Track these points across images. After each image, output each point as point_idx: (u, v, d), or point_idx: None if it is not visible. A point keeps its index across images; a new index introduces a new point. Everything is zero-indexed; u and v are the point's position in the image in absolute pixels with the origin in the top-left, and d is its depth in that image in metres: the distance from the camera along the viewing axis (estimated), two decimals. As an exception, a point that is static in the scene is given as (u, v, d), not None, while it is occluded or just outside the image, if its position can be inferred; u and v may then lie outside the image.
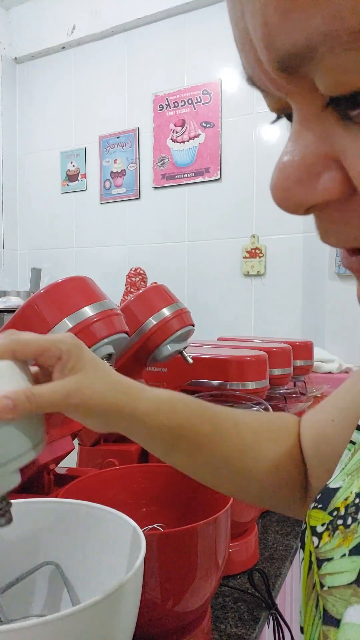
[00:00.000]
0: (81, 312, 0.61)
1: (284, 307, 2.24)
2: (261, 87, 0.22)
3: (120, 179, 2.62)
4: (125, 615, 0.39)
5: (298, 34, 0.18)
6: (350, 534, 0.29)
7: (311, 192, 0.21)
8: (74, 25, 2.69)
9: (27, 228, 2.97)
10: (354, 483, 0.32)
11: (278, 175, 0.21)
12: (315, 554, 0.31)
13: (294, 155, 0.21)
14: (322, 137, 0.20)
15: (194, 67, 2.42)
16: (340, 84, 0.18)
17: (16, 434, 0.37)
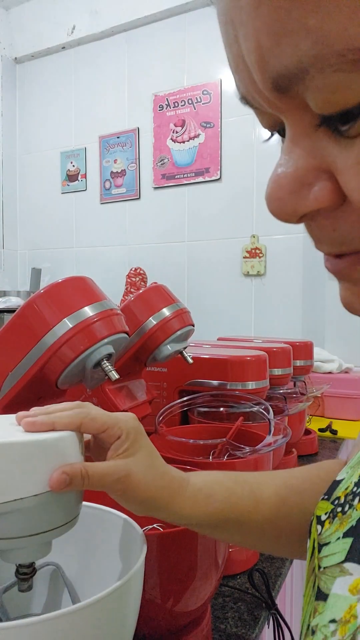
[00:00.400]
0: (81, 312, 0.60)
1: (284, 307, 2.24)
2: (255, 105, 0.24)
3: (120, 179, 2.62)
4: (126, 614, 0.40)
5: (289, 57, 0.19)
6: (346, 519, 0.32)
7: (303, 202, 0.22)
8: (74, 25, 2.69)
9: (27, 228, 2.97)
10: (354, 473, 0.35)
11: (272, 186, 0.23)
12: (318, 540, 0.34)
13: (287, 167, 0.22)
14: (314, 151, 0.22)
15: (194, 67, 2.42)
16: (330, 103, 0.19)
17: (61, 506, 0.38)
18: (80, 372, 0.61)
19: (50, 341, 0.59)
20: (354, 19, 0.17)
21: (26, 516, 0.36)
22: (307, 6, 0.18)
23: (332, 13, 0.17)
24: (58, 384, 0.60)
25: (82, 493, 0.42)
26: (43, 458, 0.36)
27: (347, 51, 0.18)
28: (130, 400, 0.89)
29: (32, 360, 0.59)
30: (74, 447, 0.39)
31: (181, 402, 0.96)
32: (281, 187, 0.22)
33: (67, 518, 0.39)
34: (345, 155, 0.21)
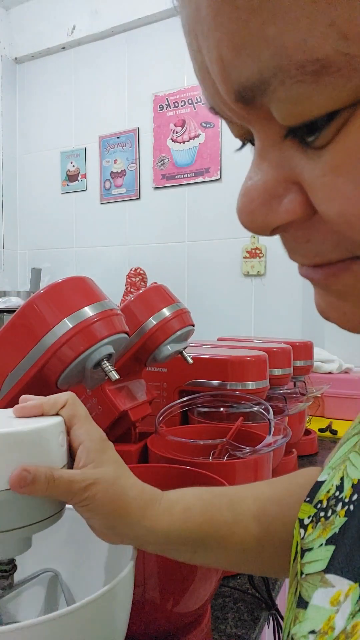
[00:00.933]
0: (81, 312, 0.60)
1: (284, 307, 2.24)
2: (223, 115, 0.23)
3: (120, 179, 2.62)
4: (114, 620, 0.39)
5: (250, 68, 0.19)
6: (329, 525, 0.32)
7: (274, 214, 0.22)
8: (74, 26, 2.69)
9: (27, 228, 2.96)
10: (335, 475, 0.34)
11: (242, 200, 0.22)
12: (301, 544, 0.34)
13: (257, 180, 0.22)
14: (282, 162, 0.21)
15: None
16: (294, 115, 0.19)
17: (38, 501, 0.36)
18: (80, 373, 0.61)
19: (50, 341, 0.58)
20: (313, 30, 0.17)
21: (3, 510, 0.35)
22: (265, 17, 0.17)
23: (290, 24, 0.17)
24: (58, 384, 0.60)
25: None
26: (15, 450, 0.35)
27: (307, 62, 0.17)
28: (130, 400, 0.89)
29: (32, 361, 0.59)
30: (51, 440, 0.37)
31: (181, 402, 0.96)
32: (252, 201, 0.22)
33: (47, 513, 0.37)
34: (312, 166, 0.20)
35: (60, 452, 0.38)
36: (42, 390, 0.63)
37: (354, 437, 0.37)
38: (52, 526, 0.50)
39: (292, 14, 0.17)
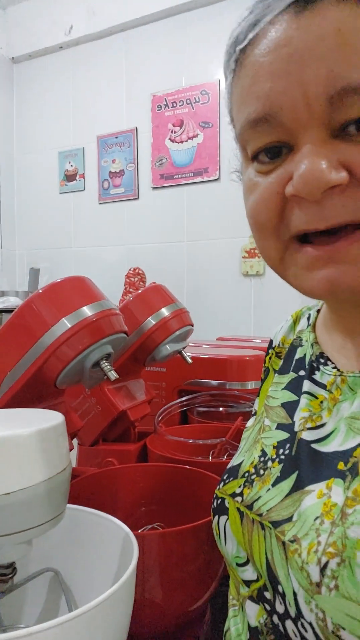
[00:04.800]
0: (80, 312, 0.60)
1: (283, 306, 2.24)
2: (284, 118, 0.33)
3: (119, 179, 2.62)
4: (118, 621, 0.39)
5: (354, 78, 0.31)
6: (267, 477, 0.42)
7: (333, 178, 0.32)
8: (72, 25, 2.69)
9: (25, 228, 2.96)
10: (253, 453, 0.46)
11: (312, 167, 0.32)
12: (243, 504, 0.42)
13: (320, 160, 0.32)
14: (334, 152, 0.32)
15: (192, 67, 2.42)
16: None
17: (39, 505, 0.36)
18: (79, 372, 0.61)
19: (49, 341, 0.58)
20: None
21: (3, 514, 0.34)
22: None
23: None
24: (57, 383, 0.60)
25: (65, 491, 0.40)
26: (15, 453, 0.35)
27: None
28: (129, 400, 0.89)
29: (31, 360, 0.59)
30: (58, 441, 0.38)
31: (180, 402, 0.96)
32: (321, 170, 0.32)
33: (49, 516, 0.37)
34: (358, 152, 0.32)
35: (61, 452, 0.38)
36: (41, 389, 0.63)
37: (256, 425, 0.49)
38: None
39: None
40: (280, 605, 0.36)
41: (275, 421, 0.46)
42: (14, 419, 0.40)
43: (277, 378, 0.51)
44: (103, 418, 0.83)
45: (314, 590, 0.32)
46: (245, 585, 0.42)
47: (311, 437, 0.40)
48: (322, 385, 0.43)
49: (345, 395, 0.40)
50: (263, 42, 0.34)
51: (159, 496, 0.72)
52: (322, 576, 0.31)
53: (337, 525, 0.32)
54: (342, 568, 0.30)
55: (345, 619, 0.29)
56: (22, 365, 0.59)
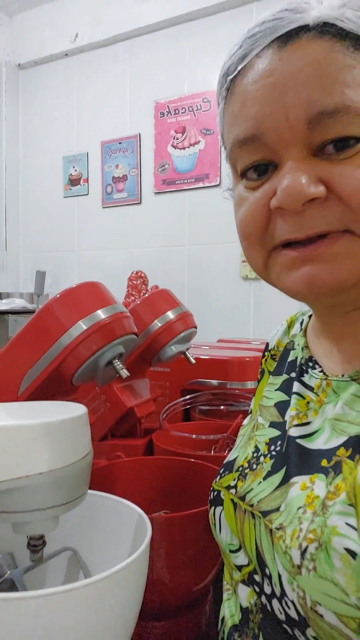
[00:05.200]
0: (94, 315, 0.65)
1: (282, 309, 2.29)
2: (268, 139, 0.37)
3: (122, 183, 2.67)
4: (134, 590, 0.44)
5: (330, 103, 0.35)
6: (259, 471, 0.45)
7: (311, 192, 0.36)
8: (77, 33, 2.75)
9: (30, 231, 3.01)
10: (247, 449, 0.50)
11: (293, 183, 0.36)
12: (236, 495, 0.46)
13: (300, 176, 0.36)
14: (313, 169, 0.36)
15: (194, 75, 2.48)
16: (344, 131, 0.35)
17: (67, 484, 0.41)
18: (93, 370, 0.66)
19: (67, 341, 0.64)
20: (356, 100, 0.35)
21: (35, 492, 0.39)
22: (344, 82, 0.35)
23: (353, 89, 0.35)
24: (73, 380, 0.65)
25: (88, 474, 0.45)
26: (52, 438, 0.39)
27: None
28: (136, 398, 0.94)
29: (50, 359, 0.64)
30: (83, 429, 0.43)
31: (184, 400, 1.01)
32: (301, 184, 0.36)
33: (73, 496, 0.42)
34: (341, 168, 0.36)
35: (85, 439, 0.43)
36: (58, 386, 0.68)
37: (251, 423, 0.54)
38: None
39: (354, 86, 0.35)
40: (268, 586, 0.40)
41: (268, 420, 0.50)
42: (46, 409, 0.45)
43: (271, 379, 0.55)
44: (112, 414, 0.88)
45: (295, 571, 0.36)
46: (237, 570, 0.46)
47: (297, 433, 0.44)
48: (310, 388, 0.47)
49: (330, 397, 0.43)
50: (251, 72, 0.38)
51: (164, 487, 0.77)
52: (302, 559, 0.35)
53: (318, 515, 0.36)
54: (319, 552, 0.34)
55: (322, 596, 0.33)
56: (42, 363, 0.64)
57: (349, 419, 0.40)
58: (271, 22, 0.38)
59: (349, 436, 0.39)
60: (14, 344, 0.67)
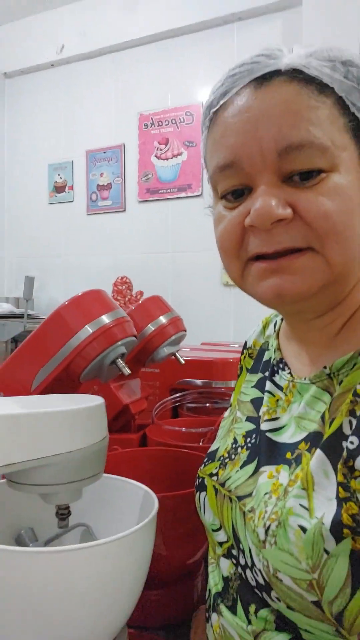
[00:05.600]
0: (99, 320, 0.74)
1: (261, 315, 2.39)
2: (244, 167, 0.43)
3: (107, 191, 2.75)
4: (143, 553, 0.52)
5: (297, 138, 0.41)
6: (236, 461, 0.52)
7: (279, 213, 0.41)
8: (63, 45, 2.82)
9: (15, 237, 3.06)
10: (227, 440, 0.56)
11: (262, 205, 0.42)
12: (218, 482, 0.53)
13: (270, 199, 0.42)
14: (282, 193, 0.42)
15: (177, 89, 2.58)
16: (309, 163, 0.41)
17: (89, 462, 0.49)
18: (98, 369, 0.74)
19: (75, 344, 0.72)
20: (324, 132, 0.41)
21: (64, 467, 0.47)
22: (308, 120, 0.41)
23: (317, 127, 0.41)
24: (81, 378, 0.73)
25: (105, 454, 0.53)
26: (80, 422, 0.48)
27: (322, 145, 0.40)
28: (130, 396, 1.02)
29: (60, 359, 0.72)
30: (102, 415, 0.51)
31: (174, 398, 1.09)
32: (270, 205, 0.42)
33: (94, 472, 0.51)
34: (306, 194, 0.41)
35: (104, 424, 0.52)
36: (68, 382, 0.76)
37: (230, 416, 0.60)
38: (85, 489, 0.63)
39: (317, 124, 0.41)
40: (242, 558, 0.47)
41: (245, 414, 0.56)
42: (70, 399, 0.53)
43: (248, 376, 0.61)
44: (108, 411, 0.96)
45: (261, 545, 0.42)
46: (219, 546, 0.52)
47: (267, 427, 0.50)
48: (280, 387, 0.52)
49: (295, 397, 0.49)
50: (231, 107, 0.44)
51: (158, 474, 0.85)
52: (266, 535, 0.41)
53: (280, 499, 0.42)
54: (279, 529, 0.41)
55: (280, 564, 0.40)
56: (53, 363, 0.72)
57: (309, 417, 0.46)
58: (249, 64, 0.44)
59: (309, 432, 0.45)
60: (27, 346, 0.75)
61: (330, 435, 0.42)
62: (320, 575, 0.38)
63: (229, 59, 2.43)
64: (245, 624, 0.45)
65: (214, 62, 2.47)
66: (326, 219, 0.41)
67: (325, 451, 0.41)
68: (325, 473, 0.40)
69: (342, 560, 0.37)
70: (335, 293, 0.46)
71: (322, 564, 0.38)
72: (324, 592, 0.38)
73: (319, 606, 0.38)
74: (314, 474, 0.41)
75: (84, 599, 0.46)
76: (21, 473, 0.48)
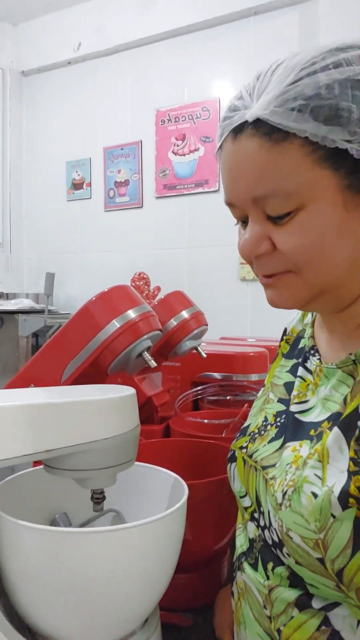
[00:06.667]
0: (126, 315, 0.76)
1: (277, 309, 2.41)
2: (236, 206, 0.49)
3: (124, 188, 2.77)
4: (175, 535, 0.54)
5: (265, 190, 0.46)
6: (265, 437, 0.58)
7: (258, 249, 0.49)
8: (80, 43, 2.84)
9: (33, 234, 3.11)
10: (258, 418, 0.62)
11: (244, 243, 0.49)
12: (246, 453, 0.58)
13: (251, 235, 0.49)
14: (263, 229, 0.48)
15: (193, 85, 2.59)
16: (277, 210, 0.46)
17: (123, 448, 0.51)
18: (125, 362, 0.77)
19: (103, 338, 0.74)
20: (289, 184, 0.45)
21: (100, 453, 0.50)
22: (277, 175, 0.45)
23: (283, 180, 0.45)
24: (108, 370, 0.76)
25: (137, 441, 0.55)
26: (114, 410, 0.50)
27: (286, 192, 0.45)
28: (152, 388, 1.05)
29: (88, 352, 0.75)
30: (134, 405, 0.54)
31: (195, 391, 1.12)
32: (250, 244, 0.49)
33: (128, 458, 0.53)
34: (280, 230, 0.47)
35: (136, 413, 0.54)
36: (95, 375, 0.79)
37: (263, 397, 0.65)
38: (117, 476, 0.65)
39: (280, 174, 0.44)
40: (262, 520, 0.53)
41: (277, 396, 0.61)
42: (103, 389, 0.56)
43: (283, 361, 0.65)
44: (133, 403, 0.99)
45: (277, 508, 0.48)
46: (245, 511, 0.58)
47: (296, 409, 0.55)
48: (310, 371, 0.57)
49: (323, 381, 0.54)
50: (222, 153, 0.49)
51: (182, 464, 0.87)
52: (283, 499, 0.47)
53: (299, 469, 0.48)
54: (294, 494, 0.46)
55: (292, 524, 0.45)
56: (82, 356, 0.75)
57: (333, 399, 0.50)
58: (231, 111, 0.48)
59: (332, 412, 0.49)
60: (56, 340, 0.78)
61: (347, 414, 0.46)
62: (325, 535, 0.43)
63: (245, 54, 2.44)
64: (264, 579, 0.51)
65: (231, 57, 2.47)
66: (295, 253, 0.47)
67: (341, 429, 0.46)
68: (340, 448, 0.45)
69: (347, 525, 0.42)
70: (337, 298, 0.51)
71: (328, 526, 0.43)
72: (327, 551, 0.43)
73: (323, 563, 0.43)
74: (329, 449, 0.46)
75: (124, 578, 0.48)
76: (60, 459, 0.51)
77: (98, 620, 0.50)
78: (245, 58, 2.43)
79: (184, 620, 0.69)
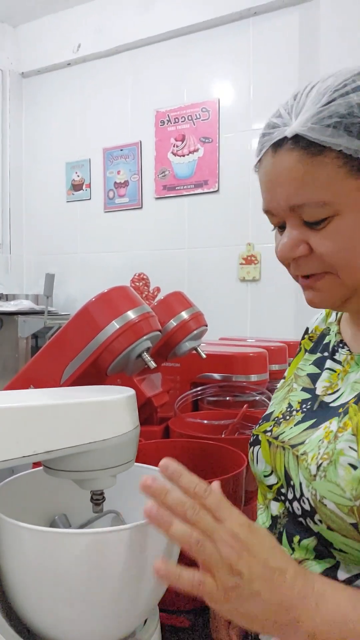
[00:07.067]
0: (125, 316, 0.76)
1: (278, 310, 2.41)
2: (276, 214, 0.55)
3: (124, 189, 2.78)
4: None
5: (302, 199, 0.51)
6: (291, 421, 0.61)
7: (296, 252, 0.54)
8: (80, 44, 2.85)
9: (33, 234, 3.11)
10: (282, 405, 0.65)
11: (283, 246, 0.55)
12: (271, 436, 0.61)
13: (290, 239, 0.54)
14: (301, 233, 0.53)
15: (193, 86, 2.59)
16: (313, 217, 0.52)
17: (122, 449, 0.52)
18: (125, 362, 0.77)
19: (103, 338, 0.74)
20: (323, 194, 0.50)
21: (100, 454, 0.50)
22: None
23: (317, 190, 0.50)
24: (108, 371, 0.76)
25: (137, 442, 0.55)
26: (113, 412, 0.50)
27: (320, 201, 0.50)
28: (151, 389, 1.05)
29: (88, 353, 0.75)
30: (134, 406, 0.54)
31: (195, 391, 1.12)
32: (289, 247, 0.54)
33: (127, 459, 0.53)
34: (316, 234, 0.52)
35: (136, 414, 0.54)
36: (95, 376, 0.79)
37: (285, 387, 0.68)
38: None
39: (317, 185, 0.50)
40: (291, 493, 0.56)
41: (301, 385, 0.66)
42: (102, 391, 0.56)
43: (307, 356, 0.70)
44: (132, 404, 0.99)
45: (311, 479, 0.51)
46: (269, 490, 0.61)
47: (330, 400, 0.59)
48: (339, 362, 0.62)
49: (353, 367, 0.59)
50: (262, 166, 0.55)
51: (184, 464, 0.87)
52: (318, 470, 0.51)
53: (331, 443, 0.52)
54: (330, 465, 0.50)
55: (327, 492, 0.49)
56: (81, 357, 0.75)
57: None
58: (271, 128, 0.53)
59: (359, 392, 0.54)
60: (56, 341, 0.78)
61: None
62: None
63: (245, 55, 2.44)
64: (290, 553, 0.54)
65: (230, 57, 2.47)
66: (330, 256, 0.52)
67: None
68: None
69: None
70: None
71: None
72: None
73: (356, 527, 0.47)
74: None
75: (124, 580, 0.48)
76: (59, 460, 0.51)
77: (97, 621, 0.50)
78: (245, 59, 2.43)
79: (183, 622, 0.69)
